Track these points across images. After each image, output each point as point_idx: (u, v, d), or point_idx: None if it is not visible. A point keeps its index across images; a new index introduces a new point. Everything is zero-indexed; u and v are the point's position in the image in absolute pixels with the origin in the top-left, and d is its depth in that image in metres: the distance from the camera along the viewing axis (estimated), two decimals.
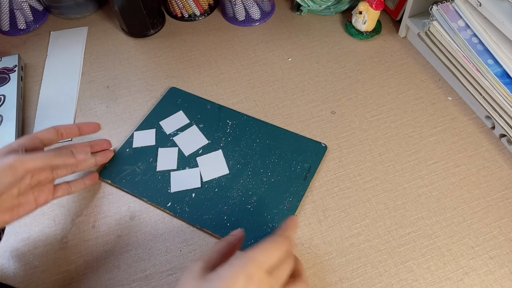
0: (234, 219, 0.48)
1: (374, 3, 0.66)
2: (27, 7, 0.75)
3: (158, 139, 0.57)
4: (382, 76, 0.66)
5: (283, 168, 0.53)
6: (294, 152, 0.54)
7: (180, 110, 0.59)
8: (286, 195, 0.51)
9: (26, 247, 0.52)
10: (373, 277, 0.48)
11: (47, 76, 0.70)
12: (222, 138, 0.56)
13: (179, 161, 0.54)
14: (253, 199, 0.50)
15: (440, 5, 0.59)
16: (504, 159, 0.56)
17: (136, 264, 0.50)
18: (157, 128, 0.58)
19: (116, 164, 0.54)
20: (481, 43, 0.55)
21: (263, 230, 0.48)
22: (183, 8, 0.76)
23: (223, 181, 0.52)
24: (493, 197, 0.53)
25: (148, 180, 0.53)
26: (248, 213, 0.49)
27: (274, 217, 0.49)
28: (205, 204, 0.50)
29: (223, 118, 0.58)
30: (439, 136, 0.59)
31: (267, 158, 0.54)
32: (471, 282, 0.47)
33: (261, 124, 0.58)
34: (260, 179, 0.52)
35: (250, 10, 0.74)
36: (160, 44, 0.74)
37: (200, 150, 0.55)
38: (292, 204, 0.50)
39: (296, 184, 0.52)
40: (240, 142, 0.55)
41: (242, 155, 0.54)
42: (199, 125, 0.58)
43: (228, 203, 0.50)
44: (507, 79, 0.53)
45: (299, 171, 0.53)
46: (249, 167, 0.53)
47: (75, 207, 0.55)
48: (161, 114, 0.60)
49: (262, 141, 0.55)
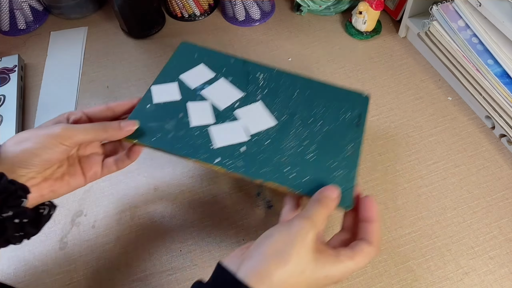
0: (299, 168, 0.43)
1: (374, 3, 0.66)
2: (27, 7, 0.75)
3: (183, 94, 0.48)
4: (382, 76, 0.66)
5: (332, 116, 0.48)
6: (338, 101, 0.50)
7: (200, 63, 0.51)
8: (345, 142, 0.46)
9: (26, 247, 0.52)
10: (373, 277, 0.48)
11: (47, 76, 0.70)
12: (257, 90, 0.50)
13: (215, 116, 0.47)
14: (312, 148, 0.46)
15: (440, 5, 0.59)
16: (504, 159, 0.56)
17: (136, 264, 0.50)
18: (178, 82, 0.49)
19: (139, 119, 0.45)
20: (481, 43, 0.55)
21: (330, 178, 0.43)
22: (183, 8, 0.76)
23: (272, 133, 0.46)
24: (493, 197, 0.53)
25: (184, 137, 0.45)
26: (310, 163, 0.44)
27: (339, 165, 0.45)
28: (259, 158, 0.44)
29: (253, 72, 0.51)
30: (439, 136, 0.59)
31: (312, 108, 0.49)
32: (471, 282, 0.47)
33: (295, 77, 0.52)
34: (312, 128, 0.47)
35: (250, 10, 0.74)
36: (160, 44, 0.74)
37: (236, 103, 0.48)
38: (354, 150, 0.46)
39: (350, 131, 0.47)
40: (278, 94, 0.50)
41: (284, 106, 0.49)
42: (227, 78, 0.50)
43: (285, 154, 0.44)
44: (507, 79, 0.53)
45: (349, 119, 0.48)
46: (296, 117, 0.48)
47: (75, 207, 0.55)
48: (178, 68, 0.50)
49: (301, 92, 0.50)
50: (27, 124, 0.64)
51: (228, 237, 0.51)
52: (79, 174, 0.41)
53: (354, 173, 0.46)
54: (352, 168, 0.45)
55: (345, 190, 0.43)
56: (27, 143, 0.35)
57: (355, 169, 0.46)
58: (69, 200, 0.55)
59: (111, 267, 0.50)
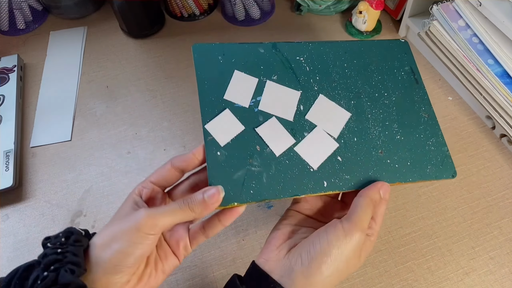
0: (397, 157, 0.40)
1: (374, 3, 0.66)
2: (26, 7, 0.75)
3: (242, 119, 0.40)
4: None
5: (391, 81, 0.44)
6: (386, 60, 0.46)
7: (233, 70, 0.42)
8: (417, 107, 0.43)
9: (25, 247, 0.52)
10: (374, 277, 0.48)
11: (47, 76, 0.70)
12: (310, 80, 0.43)
13: (291, 131, 0.40)
14: (395, 127, 0.42)
15: (440, 4, 0.59)
16: (504, 159, 0.56)
17: None
18: (227, 106, 0.40)
19: (220, 178, 0.37)
20: (481, 43, 0.55)
21: (427, 151, 0.41)
22: (182, 8, 0.76)
23: (353, 125, 0.42)
24: (493, 197, 0.53)
25: (279, 173, 0.39)
26: (402, 143, 0.41)
27: (425, 133, 0.42)
28: (359, 160, 0.40)
29: (291, 57, 0.44)
30: None
31: (370, 79, 0.44)
32: (472, 283, 0.47)
33: (334, 46, 0.46)
34: (383, 103, 0.43)
35: (250, 10, 0.73)
36: (160, 44, 0.74)
37: (300, 106, 0.42)
38: (428, 112, 0.43)
39: (415, 91, 0.44)
40: (331, 76, 0.44)
41: (345, 88, 0.43)
42: (272, 78, 0.43)
43: (377, 145, 0.41)
44: (507, 79, 0.53)
45: (406, 78, 0.45)
46: (363, 97, 0.43)
47: (75, 207, 0.55)
48: (213, 86, 0.41)
49: (349, 63, 0.45)
50: (26, 124, 0.64)
51: (228, 237, 0.51)
52: (170, 255, 0.36)
53: (441, 135, 0.43)
54: (437, 131, 0.43)
55: (444, 158, 0.41)
56: (115, 243, 0.30)
57: (439, 131, 0.43)
58: (68, 200, 0.55)
59: None
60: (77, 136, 0.62)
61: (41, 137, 0.62)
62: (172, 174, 0.36)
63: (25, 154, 0.60)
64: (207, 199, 0.33)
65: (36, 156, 0.60)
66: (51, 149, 0.61)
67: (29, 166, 0.59)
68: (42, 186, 0.57)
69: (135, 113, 0.64)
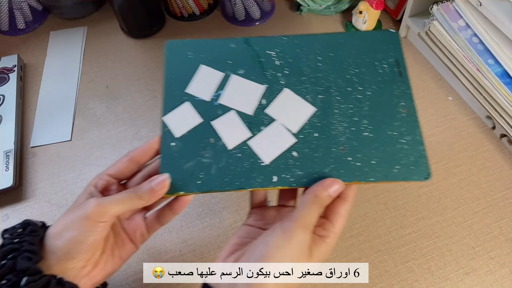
0: (361, 155, 0.38)
1: (374, 3, 0.66)
2: (26, 7, 0.75)
3: (202, 112, 0.41)
4: None
5: (369, 75, 0.42)
6: (367, 53, 0.43)
7: (199, 64, 0.43)
8: (395, 101, 0.41)
9: None
10: (374, 277, 0.48)
11: (47, 76, 0.70)
12: (277, 74, 0.42)
13: (248, 125, 0.40)
14: (364, 123, 0.40)
15: (440, 4, 0.59)
16: (504, 159, 0.56)
17: (135, 264, 0.50)
18: (189, 99, 0.41)
19: (171, 168, 0.38)
20: (481, 43, 0.55)
21: (398, 150, 0.39)
22: (182, 8, 0.76)
23: (316, 121, 0.40)
24: (493, 197, 0.53)
25: (229, 165, 0.38)
26: (369, 140, 0.39)
27: (400, 130, 0.39)
28: (316, 156, 0.38)
29: (261, 52, 0.43)
30: (440, 136, 0.58)
31: (344, 72, 0.42)
32: (472, 283, 0.47)
33: (310, 39, 0.44)
34: (354, 98, 0.41)
35: (250, 10, 0.73)
36: (159, 43, 0.74)
37: (262, 100, 0.41)
38: (408, 107, 0.40)
39: (396, 85, 0.41)
40: (301, 69, 0.42)
41: (314, 82, 0.42)
42: (238, 73, 0.42)
43: (340, 141, 0.39)
44: (507, 79, 0.53)
45: (389, 70, 0.42)
46: (333, 91, 0.41)
47: None
48: (179, 80, 0.42)
49: (324, 56, 0.43)
50: (26, 124, 0.64)
51: (228, 237, 0.51)
52: (127, 242, 0.37)
53: (419, 133, 0.40)
54: (414, 129, 0.40)
55: (418, 158, 0.39)
56: (67, 232, 0.32)
57: (418, 128, 0.40)
58: (68, 200, 0.55)
59: None
60: (77, 136, 0.62)
61: (41, 137, 0.62)
62: (127, 167, 0.37)
63: (25, 154, 0.60)
64: (154, 186, 0.34)
65: (36, 156, 0.60)
66: (51, 149, 0.61)
67: (29, 166, 0.59)
68: (42, 186, 0.57)
69: (135, 113, 0.64)
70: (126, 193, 0.34)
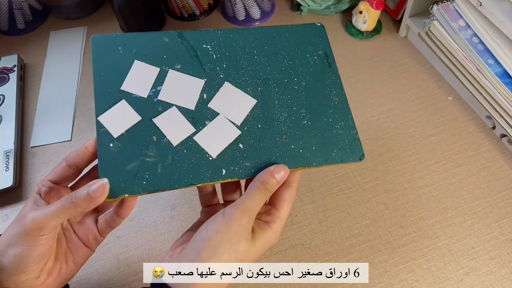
0: (302, 142, 0.40)
1: (374, 3, 0.66)
2: (26, 7, 0.75)
3: (140, 109, 0.39)
4: (383, 76, 0.66)
5: (302, 66, 0.44)
6: (299, 45, 0.45)
7: (133, 60, 0.41)
8: (327, 91, 0.43)
9: None
10: (374, 278, 0.48)
11: (47, 76, 0.70)
12: (215, 68, 0.42)
13: (191, 120, 0.40)
14: (302, 111, 0.42)
15: (440, 4, 0.59)
16: (504, 159, 0.56)
17: (135, 264, 0.50)
18: (124, 97, 0.39)
19: (112, 170, 0.36)
20: (481, 43, 0.55)
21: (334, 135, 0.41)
22: (182, 8, 0.76)
23: (258, 112, 0.41)
24: (493, 197, 0.53)
25: (176, 162, 0.38)
26: (309, 128, 0.41)
27: (334, 117, 0.42)
28: (261, 147, 0.39)
29: (197, 46, 0.43)
30: (440, 136, 0.58)
31: (280, 64, 0.44)
32: (472, 283, 0.47)
33: (244, 33, 0.45)
34: (291, 89, 0.43)
35: (250, 10, 0.73)
36: None
37: (203, 94, 0.41)
38: (339, 95, 0.43)
39: (327, 75, 0.44)
40: (239, 62, 0.43)
41: (253, 75, 0.43)
42: (175, 68, 0.41)
43: (282, 131, 0.40)
44: (507, 79, 0.53)
45: (319, 61, 0.45)
46: (271, 83, 0.43)
47: None
48: (111, 78, 0.40)
49: (259, 49, 0.44)
50: (26, 124, 0.64)
51: None
52: (81, 246, 0.37)
53: (351, 118, 0.43)
54: (346, 114, 0.43)
55: (352, 141, 0.41)
56: (11, 249, 0.32)
57: (350, 114, 0.43)
58: None
59: (110, 268, 0.49)
60: (77, 136, 0.62)
61: (41, 137, 0.62)
62: (67, 171, 0.36)
63: (25, 154, 0.60)
64: (91, 193, 0.32)
65: (36, 156, 0.60)
66: (51, 149, 0.61)
67: (29, 166, 0.59)
68: None
69: None
70: (61, 202, 0.32)
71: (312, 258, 0.49)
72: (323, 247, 0.50)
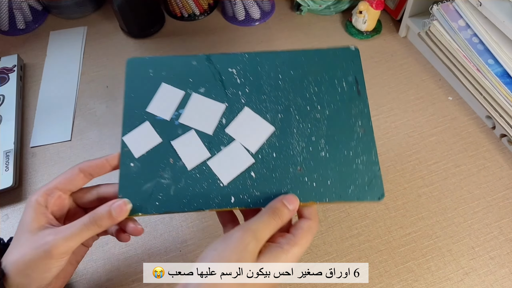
0: (316, 175, 0.38)
1: (374, 3, 0.66)
2: (26, 7, 0.75)
3: (161, 131, 0.40)
4: (383, 76, 0.66)
5: (328, 93, 0.42)
6: (327, 71, 0.43)
7: (161, 82, 0.42)
8: (352, 121, 0.41)
9: None
10: (374, 278, 0.48)
11: (47, 76, 0.70)
12: (238, 92, 0.42)
13: (207, 145, 0.40)
14: (321, 142, 0.40)
15: (440, 4, 0.59)
16: (504, 159, 0.56)
17: (135, 264, 0.50)
18: (148, 118, 0.41)
19: (129, 189, 0.38)
20: (481, 42, 0.55)
21: (353, 171, 0.39)
22: (182, 8, 0.76)
23: (275, 140, 0.40)
24: (493, 197, 0.53)
25: (188, 186, 0.39)
26: (326, 161, 0.39)
27: (356, 150, 0.40)
28: (274, 177, 0.38)
29: (223, 69, 0.43)
30: (440, 136, 0.58)
31: (304, 91, 0.42)
32: (472, 283, 0.47)
33: (271, 56, 0.44)
34: (313, 117, 0.41)
35: (250, 10, 0.73)
36: (159, 43, 0.74)
37: (222, 119, 0.41)
38: (365, 127, 0.41)
39: (354, 104, 0.42)
40: (262, 87, 0.42)
41: (274, 101, 0.42)
42: (199, 91, 0.42)
43: (297, 162, 0.39)
44: (507, 79, 0.53)
45: (347, 89, 0.42)
46: (292, 110, 0.41)
47: None
48: (139, 98, 0.42)
49: (285, 74, 0.43)
50: (26, 124, 0.64)
51: None
52: (79, 247, 0.38)
53: (375, 153, 0.40)
54: (370, 148, 0.40)
55: (372, 178, 0.39)
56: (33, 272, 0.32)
57: (374, 148, 0.40)
58: None
59: (110, 268, 0.50)
60: (77, 136, 0.62)
61: (41, 137, 0.62)
62: (80, 179, 0.37)
63: (25, 154, 0.60)
64: (114, 213, 0.33)
65: (36, 156, 0.60)
66: (51, 149, 0.61)
67: (29, 166, 0.59)
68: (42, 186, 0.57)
69: None
70: (82, 223, 0.33)
71: (312, 258, 0.49)
72: (323, 247, 0.50)
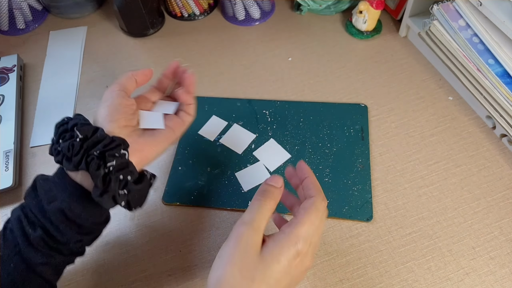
0: None
1: (374, 3, 0.66)
2: (26, 7, 0.75)
3: (206, 148, 0.57)
4: (383, 75, 0.66)
5: (338, 136, 0.55)
6: (340, 119, 0.57)
7: (212, 115, 0.60)
8: (354, 158, 0.53)
9: None
10: (374, 278, 0.48)
11: (46, 76, 0.70)
12: (267, 127, 0.57)
13: (237, 161, 0.55)
14: (326, 171, 0.52)
15: (440, 4, 0.59)
16: (505, 159, 0.56)
17: (135, 264, 0.50)
18: (198, 138, 0.58)
19: (175, 185, 0.54)
20: (481, 42, 0.55)
21: (349, 195, 0.51)
22: (182, 8, 0.75)
23: (289, 164, 0.52)
24: (494, 197, 0.53)
25: (217, 189, 0.53)
26: (328, 185, 0.51)
27: (354, 180, 0.52)
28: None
29: (258, 110, 0.59)
30: (440, 136, 0.58)
31: (319, 132, 0.56)
32: (472, 283, 0.47)
33: (297, 104, 0.60)
34: (323, 152, 0.54)
35: (250, 10, 0.73)
36: (159, 43, 0.74)
37: (252, 145, 0.56)
38: (364, 164, 0.53)
39: (358, 146, 0.54)
40: (286, 126, 0.57)
41: (294, 136, 0.56)
42: (238, 123, 0.59)
43: None
44: (508, 79, 0.53)
45: (354, 134, 0.55)
46: (307, 145, 0.55)
47: None
48: (195, 125, 0.59)
49: (306, 118, 0.58)
50: (26, 124, 0.64)
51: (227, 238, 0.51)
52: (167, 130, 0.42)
53: (369, 184, 0.51)
54: (366, 180, 0.52)
55: (364, 203, 0.50)
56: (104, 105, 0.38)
57: (369, 181, 0.52)
58: None
59: (110, 268, 0.49)
60: None
61: (41, 137, 0.62)
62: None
63: (25, 154, 0.60)
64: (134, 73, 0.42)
65: (36, 156, 0.60)
66: None
67: (29, 166, 0.59)
68: None
69: None
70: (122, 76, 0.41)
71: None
72: (323, 247, 0.50)
